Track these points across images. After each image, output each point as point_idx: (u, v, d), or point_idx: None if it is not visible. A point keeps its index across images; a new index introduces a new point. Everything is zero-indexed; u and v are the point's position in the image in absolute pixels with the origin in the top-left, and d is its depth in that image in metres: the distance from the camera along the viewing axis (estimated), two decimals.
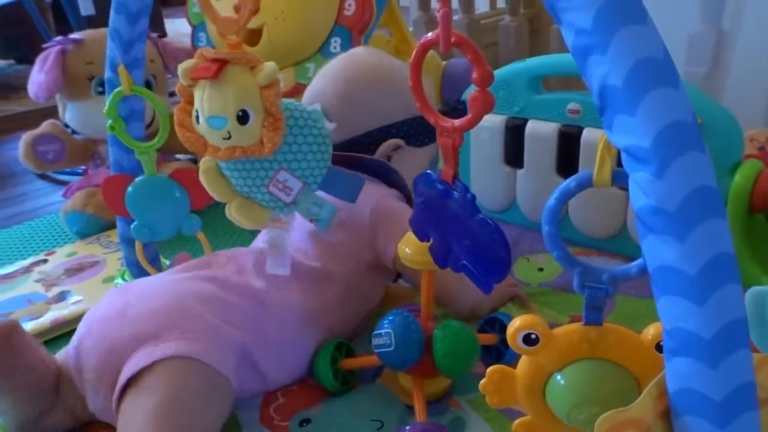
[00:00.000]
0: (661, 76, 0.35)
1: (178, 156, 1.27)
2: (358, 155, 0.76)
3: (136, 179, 0.79)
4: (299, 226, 0.70)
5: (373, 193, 0.72)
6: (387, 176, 0.77)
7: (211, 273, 0.66)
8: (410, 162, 0.80)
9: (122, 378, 0.57)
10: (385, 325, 0.62)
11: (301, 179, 0.56)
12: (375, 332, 0.63)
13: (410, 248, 0.59)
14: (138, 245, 0.83)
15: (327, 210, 0.57)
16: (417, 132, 0.79)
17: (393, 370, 0.65)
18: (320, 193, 0.61)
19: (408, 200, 0.77)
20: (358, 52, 0.87)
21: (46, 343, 0.83)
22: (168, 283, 0.65)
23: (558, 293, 0.82)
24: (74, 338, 0.62)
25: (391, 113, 0.78)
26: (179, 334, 0.58)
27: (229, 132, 0.52)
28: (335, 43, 1.11)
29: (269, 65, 0.51)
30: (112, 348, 0.58)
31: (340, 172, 0.59)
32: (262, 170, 0.56)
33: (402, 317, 0.62)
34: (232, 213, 0.57)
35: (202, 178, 0.57)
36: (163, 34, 2.95)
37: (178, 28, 3.10)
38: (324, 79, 0.80)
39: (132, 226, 0.80)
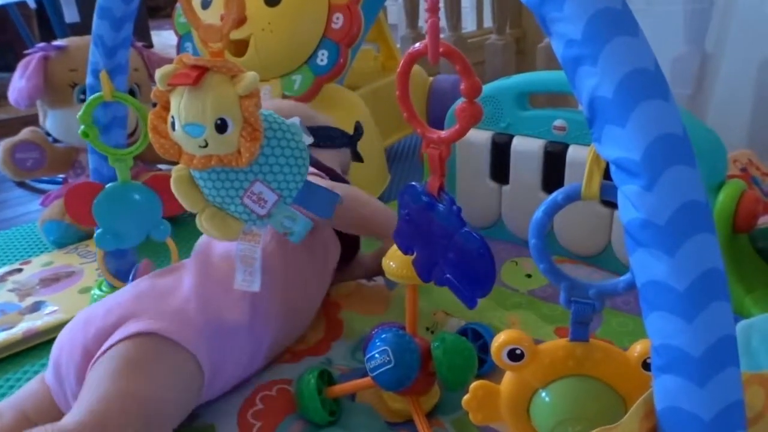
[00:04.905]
0: (652, 87, 0.35)
1: (160, 166, 1.26)
2: None
3: (106, 187, 0.78)
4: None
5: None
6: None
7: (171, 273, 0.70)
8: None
9: (91, 363, 0.59)
10: (378, 345, 0.60)
11: (277, 192, 0.55)
12: (368, 356, 0.60)
13: (395, 262, 0.58)
14: (99, 253, 0.82)
15: (300, 224, 0.56)
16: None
17: (391, 390, 0.62)
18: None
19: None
20: None
21: (18, 354, 0.81)
22: (131, 285, 0.69)
23: (546, 304, 0.82)
24: (50, 364, 0.63)
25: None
26: (144, 318, 0.61)
27: (205, 140, 0.51)
28: (322, 55, 1.10)
29: (250, 75, 0.50)
30: (86, 349, 0.60)
31: (316, 187, 0.58)
32: (237, 181, 0.54)
33: (393, 333, 0.61)
34: (203, 223, 0.56)
35: (173, 187, 0.56)
36: (150, 46, 2.94)
37: (164, 39, 3.10)
38: None
39: (95, 234, 0.79)
